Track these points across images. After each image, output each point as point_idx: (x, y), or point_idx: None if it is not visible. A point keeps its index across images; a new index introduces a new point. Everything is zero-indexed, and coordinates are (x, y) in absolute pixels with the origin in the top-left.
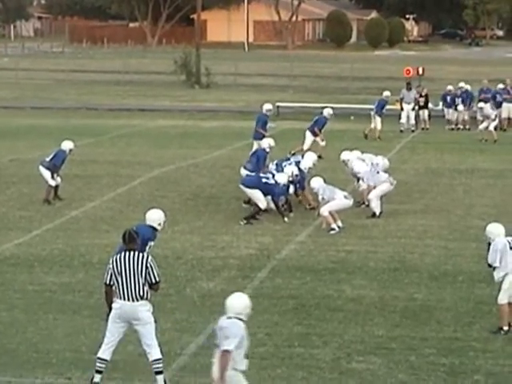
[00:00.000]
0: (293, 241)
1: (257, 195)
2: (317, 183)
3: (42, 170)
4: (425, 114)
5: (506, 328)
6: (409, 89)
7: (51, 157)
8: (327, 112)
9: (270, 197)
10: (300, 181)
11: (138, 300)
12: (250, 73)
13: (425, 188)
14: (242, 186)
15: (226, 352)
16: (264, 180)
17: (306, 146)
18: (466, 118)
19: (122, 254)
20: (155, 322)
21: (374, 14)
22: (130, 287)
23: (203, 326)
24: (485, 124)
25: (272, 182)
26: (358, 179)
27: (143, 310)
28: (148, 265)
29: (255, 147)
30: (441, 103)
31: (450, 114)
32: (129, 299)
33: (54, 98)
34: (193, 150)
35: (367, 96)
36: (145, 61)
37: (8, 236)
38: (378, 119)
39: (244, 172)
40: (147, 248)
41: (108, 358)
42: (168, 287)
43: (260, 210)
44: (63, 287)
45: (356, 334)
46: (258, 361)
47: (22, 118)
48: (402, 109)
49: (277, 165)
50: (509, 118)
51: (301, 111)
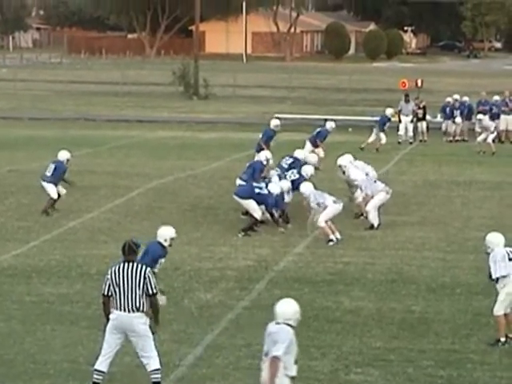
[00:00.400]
0: (291, 252)
1: (251, 205)
2: (307, 189)
3: (45, 184)
4: (423, 125)
5: (503, 339)
6: (407, 101)
7: (52, 171)
8: (330, 125)
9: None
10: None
11: (133, 311)
12: (249, 84)
13: (423, 200)
14: (235, 197)
15: (275, 358)
16: (257, 190)
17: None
18: (464, 129)
19: (121, 264)
20: (153, 333)
21: (372, 26)
22: (127, 298)
23: (201, 337)
24: (483, 136)
25: (265, 191)
26: (352, 186)
27: (139, 323)
28: (146, 276)
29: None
30: (439, 115)
31: (449, 125)
32: (125, 310)
33: (52, 108)
34: (191, 162)
35: (365, 108)
36: (143, 72)
37: (6, 247)
38: (382, 135)
39: (239, 182)
40: (157, 265)
41: (105, 369)
42: (166, 298)
43: (256, 220)
44: (61, 298)
45: (354, 345)
46: (255, 372)
47: (20, 128)
48: (400, 121)
49: (280, 167)
50: (507, 130)
51: (299, 123)
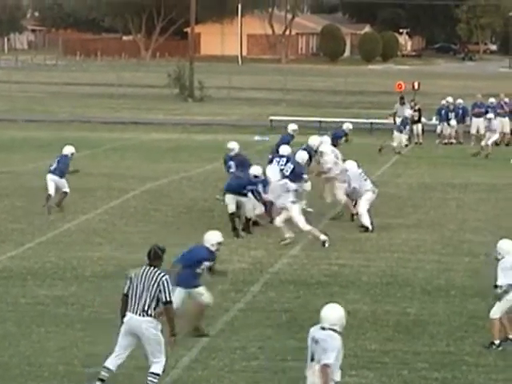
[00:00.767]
0: (286, 254)
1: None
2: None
3: (56, 179)
4: (418, 128)
5: (497, 342)
6: (402, 103)
7: (55, 165)
8: (346, 126)
9: (257, 209)
10: (298, 174)
11: (143, 315)
12: (244, 86)
13: (418, 202)
14: (228, 195)
15: (327, 366)
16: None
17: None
18: (459, 132)
19: (143, 268)
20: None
21: (367, 29)
22: (139, 301)
23: (196, 340)
24: (493, 138)
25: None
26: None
27: (149, 327)
28: (161, 283)
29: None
30: (434, 118)
31: (444, 128)
32: (136, 313)
33: (47, 110)
34: (186, 164)
35: (360, 110)
36: (138, 74)
37: (1, 249)
38: (404, 136)
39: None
40: (200, 268)
41: (113, 368)
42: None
43: (248, 219)
44: (56, 300)
45: (349, 348)
46: (250, 374)
47: (15, 130)
48: (395, 123)
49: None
50: (502, 133)
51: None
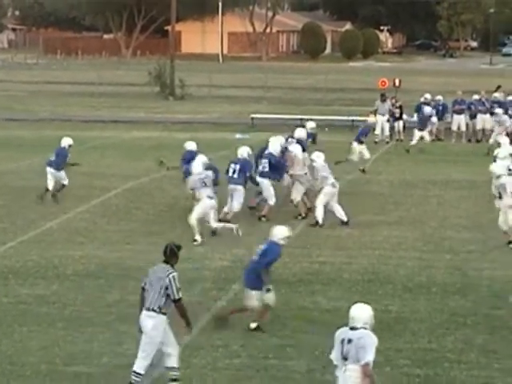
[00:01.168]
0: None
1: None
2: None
3: (54, 172)
4: (399, 125)
5: None
6: (383, 100)
7: (53, 158)
8: (371, 121)
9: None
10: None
11: (148, 310)
12: (225, 84)
13: (399, 199)
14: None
15: (368, 364)
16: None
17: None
18: (440, 129)
19: (158, 264)
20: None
21: (348, 26)
22: (147, 297)
23: (178, 338)
24: (500, 131)
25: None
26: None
27: (148, 322)
28: (167, 280)
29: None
30: (415, 114)
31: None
32: (144, 308)
33: (28, 109)
34: (167, 162)
35: (341, 107)
36: (119, 72)
37: None
38: (426, 134)
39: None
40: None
41: (169, 364)
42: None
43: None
44: (38, 299)
45: (331, 345)
46: (232, 372)
47: None
48: (376, 120)
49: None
50: (483, 130)
51: (275, 123)
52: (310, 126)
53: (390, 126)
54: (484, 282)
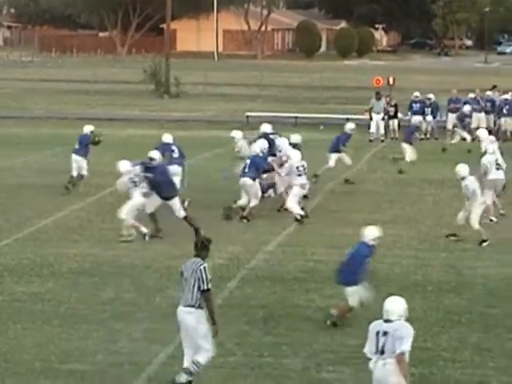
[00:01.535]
0: (262, 250)
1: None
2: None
3: (78, 159)
4: (394, 123)
5: None
6: (378, 98)
7: (78, 144)
8: (417, 120)
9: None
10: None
11: (184, 306)
12: (220, 82)
13: (394, 198)
14: None
15: (403, 354)
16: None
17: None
18: (434, 127)
19: (190, 259)
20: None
21: (343, 24)
22: (183, 292)
23: (173, 336)
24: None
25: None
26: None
27: (189, 318)
28: (198, 271)
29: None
30: (409, 113)
31: (419, 123)
32: (181, 303)
33: (23, 107)
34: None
35: (336, 105)
36: (114, 70)
37: None
38: (465, 133)
39: None
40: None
41: (185, 364)
42: (137, 297)
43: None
44: (33, 297)
45: (326, 343)
46: (227, 370)
47: None
48: (371, 118)
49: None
50: (478, 128)
51: (270, 121)
52: (350, 127)
53: (385, 124)
54: (479, 281)
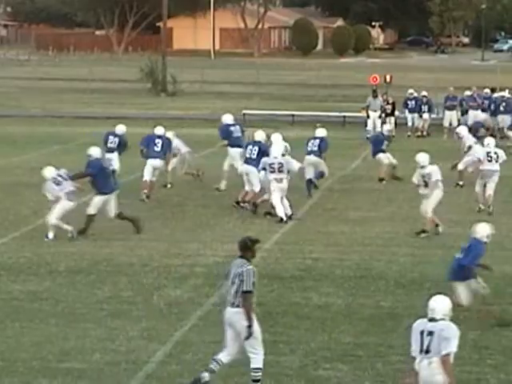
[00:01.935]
0: (259, 248)
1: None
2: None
3: (113, 156)
4: (391, 121)
5: None
6: (375, 96)
7: (117, 144)
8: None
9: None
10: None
11: (232, 307)
12: (216, 80)
13: (391, 196)
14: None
15: (448, 355)
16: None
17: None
18: (427, 124)
19: (236, 259)
20: (247, 337)
21: (340, 22)
22: (229, 293)
23: (170, 334)
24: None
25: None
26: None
27: (239, 319)
28: (242, 273)
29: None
30: (407, 111)
31: (416, 120)
32: (228, 304)
33: (20, 105)
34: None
35: (333, 103)
36: (111, 68)
37: None
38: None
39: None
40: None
41: (223, 359)
42: (135, 295)
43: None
44: (30, 295)
45: (323, 341)
46: (225, 368)
47: None
48: (368, 116)
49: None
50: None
51: (267, 119)
52: (387, 128)
53: (382, 122)
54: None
